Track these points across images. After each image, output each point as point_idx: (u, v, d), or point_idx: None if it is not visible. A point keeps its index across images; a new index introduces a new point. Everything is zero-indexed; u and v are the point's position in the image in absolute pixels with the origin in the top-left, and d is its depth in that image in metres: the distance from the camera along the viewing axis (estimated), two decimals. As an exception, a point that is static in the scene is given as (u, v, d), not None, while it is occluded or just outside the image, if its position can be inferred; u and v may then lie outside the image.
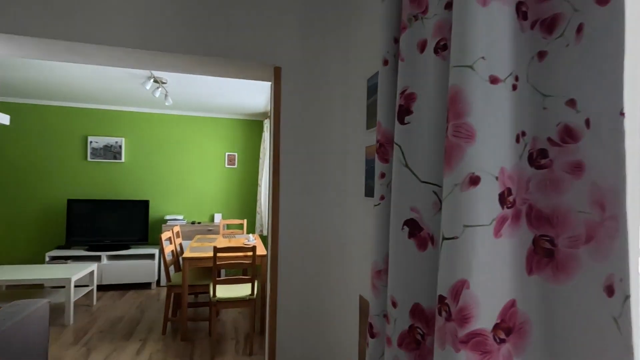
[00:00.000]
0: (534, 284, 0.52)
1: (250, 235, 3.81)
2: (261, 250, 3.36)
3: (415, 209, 0.75)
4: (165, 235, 3.44)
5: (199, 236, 4.12)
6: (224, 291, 3.01)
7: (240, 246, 2.93)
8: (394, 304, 0.78)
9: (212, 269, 3.17)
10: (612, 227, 0.44)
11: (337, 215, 1.78)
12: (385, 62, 0.91)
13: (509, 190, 0.52)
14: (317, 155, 1.76)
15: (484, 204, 0.50)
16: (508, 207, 0.51)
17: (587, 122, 0.48)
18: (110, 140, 4.62)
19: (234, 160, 4.98)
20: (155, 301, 4.01)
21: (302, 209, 1.75)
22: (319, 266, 1.77)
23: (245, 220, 4.42)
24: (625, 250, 0.42)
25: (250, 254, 3.04)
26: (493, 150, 0.50)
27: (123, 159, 4.64)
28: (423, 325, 0.71)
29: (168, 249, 3.33)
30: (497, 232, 0.50)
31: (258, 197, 4.96)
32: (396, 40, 0.90)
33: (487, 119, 0.50)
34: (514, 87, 0.53)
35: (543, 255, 0.53)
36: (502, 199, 0.51)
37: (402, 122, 0.79)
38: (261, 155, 5.01)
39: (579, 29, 0.50)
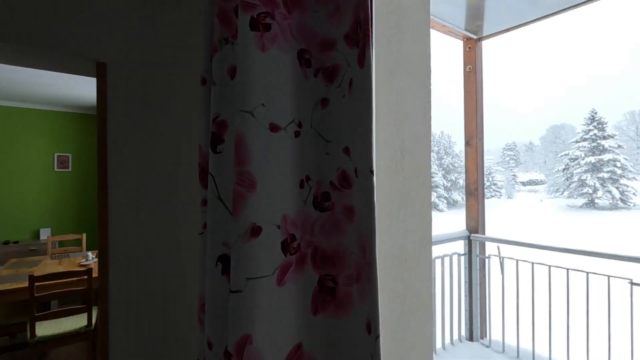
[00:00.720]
0: (320, 323, 0.55)
1: (90, 253, 3.21)
2: (103, 271, 2.86)
3: (228, 243, 0.71)
4: (-48, 267, 2.57)
5: (14, 260, 3.25)
6: (50, 327, 2.44)
7: (72, 270, 2.43)
8: (210, 345, 0.73)
9: (28, 303, 2.53)
10: (369, 271, 0.49)
11: (179, 233, 1.63)
12: (204, 82, 0.84)
13: (293, 237, 0.52)
14: (157, 167, 1.57)
15: (266, 254, 0.49)
16: (292, 254, 0.52)
17: (356, 171, 0.53)
18: None
19: (67, 162, 4.09)
20: (-58, 354, 2.98)
21: (139, 226, 1.54)
22: (163, 291, 1.59)
23: (84, 235, 3.70)
24: (376, 296, 0.47)
25: (86, 277, 2.55)
26: (275, 199, 0.50)
27: None
28: (236, 366, 0.68)
29: (-42, 284, 2.50)
30: (280, 281, 0.50)
31: (103, 205, 4.23)
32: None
33: (269, 167, 0.50)
34: (297, 134, 0.54)
35: (327, 293, 0.56)
36: (285, 246, 0.51)
37: (214, 150, 0.74)
38: (106, 156, 4.28)
39: (350, 83, 0.54)
